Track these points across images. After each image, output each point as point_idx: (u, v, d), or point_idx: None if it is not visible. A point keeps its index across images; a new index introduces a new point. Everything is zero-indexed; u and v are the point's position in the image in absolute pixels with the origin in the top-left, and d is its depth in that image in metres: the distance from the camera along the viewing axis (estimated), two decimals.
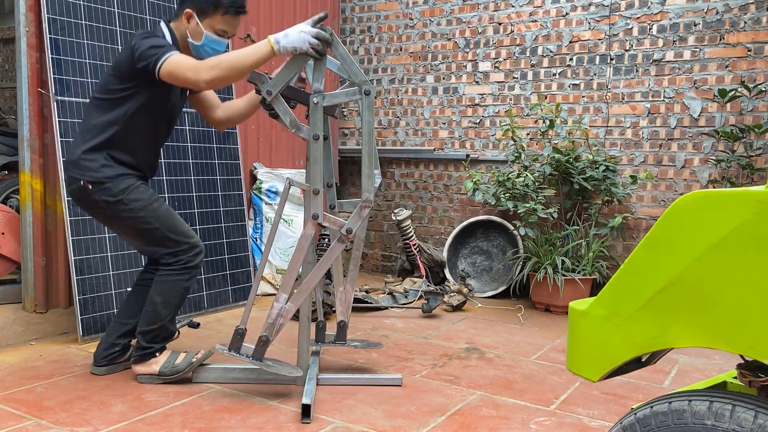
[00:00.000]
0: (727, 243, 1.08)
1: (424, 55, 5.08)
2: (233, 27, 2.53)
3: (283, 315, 2.40)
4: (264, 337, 2.40)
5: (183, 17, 2.50)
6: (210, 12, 2.46)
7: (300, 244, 2.41)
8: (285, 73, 2.38)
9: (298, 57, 2.36)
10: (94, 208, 2.53)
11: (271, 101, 2.38)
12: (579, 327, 1.33)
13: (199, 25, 2.47)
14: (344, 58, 2.41)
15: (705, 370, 2.95)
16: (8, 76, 6.46)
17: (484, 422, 2.28)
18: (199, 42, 2.49)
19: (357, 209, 2.42)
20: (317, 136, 2.38)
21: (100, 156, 2.46)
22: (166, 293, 2.52)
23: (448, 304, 4.00)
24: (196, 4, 2.47)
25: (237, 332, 2.42)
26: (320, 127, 2.39)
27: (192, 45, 2.51)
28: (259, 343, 2.41)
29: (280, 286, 2.42)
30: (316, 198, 2.40)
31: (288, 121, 2.41)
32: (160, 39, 2.44)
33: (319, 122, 2.38)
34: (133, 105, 2.46)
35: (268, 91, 2.37)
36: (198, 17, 2.47)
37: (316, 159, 2.38)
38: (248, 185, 4.32)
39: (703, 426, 1.08)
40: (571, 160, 4.19)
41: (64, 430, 2.12)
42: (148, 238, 2.53)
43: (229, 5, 2.46)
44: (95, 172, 2.45)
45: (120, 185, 2.46)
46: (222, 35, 2.51)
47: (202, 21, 2.47)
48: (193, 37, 2.50)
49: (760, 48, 3.88)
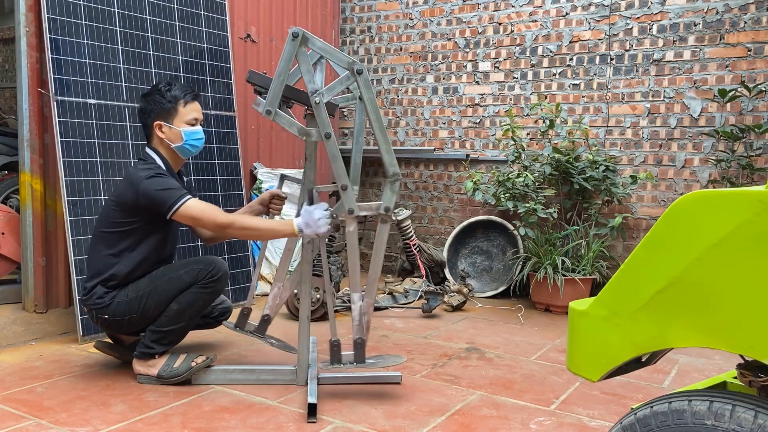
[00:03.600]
0: (727, 243, 1.08)
1: (424, 55, 5.08)
2: (199, 111, 2.65)
3: (365, 312, 2.44)
4: (359, 339, 2.46)
5: (155, 131, 2.60)
6: (173, 110, 2.58)
7: (350, 242, 2.44)
8: (277, 87, 2.37)
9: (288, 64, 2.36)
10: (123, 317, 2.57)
11: (273, 119, 2.38)
12: (579, 327, 1.33)
13: (172, 128, 2.58)
14: (325, 50, 2.39)
15: (705, 370, 2.95)
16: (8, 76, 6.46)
17: (484, 422, 2.28)
18: (180, 142, 2.60)
19: (388, 185, 2.42)
20: (329, 134, 2.38)
21: (101, 289, 2.54)
22: (183, 302, 2.54)
23: (448, 304, 4.00)
24: (158, 114, 2.58)
25: (333, 345, 2.48)
26: (329, 125, 2.38)
27: (176, 148, 2.61)
28: (356, 347, 2.46)
29: (350, 289, 2.46)
30: (347, 193, 2.40)
31: (296, 131, 2.41)
32: (167, 180, 2.50)
33: (326, 120, 2.38)
34: (138, 237, 2.55)
35: (267, 110, 2.35)
36: (167, 122, 2.58)
37: (335, 156, 2.38)
38: (248, 185, 4.32)
39: (703, 426, 1.08)
40: (571, 160, 4.19)
41: (64, 430, 2.12)
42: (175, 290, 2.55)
43: (185, 93, 2.60)
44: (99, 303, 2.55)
45: (116, 304, 2.54)
46: (194, 124, 2.62)
47: (173, 123, 2.58)
48: (173, 141, 2.60)
49: (760, 48, 3.88)
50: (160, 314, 2.54)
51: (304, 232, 2.37)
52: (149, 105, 2.59)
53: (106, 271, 2.54)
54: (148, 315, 2.54)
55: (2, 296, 3.40)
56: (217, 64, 3.89)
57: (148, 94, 2.61)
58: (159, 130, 2.59)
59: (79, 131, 3.15)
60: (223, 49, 3.93)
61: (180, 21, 3.68)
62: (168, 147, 2.61)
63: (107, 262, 2.54)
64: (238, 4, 4.26)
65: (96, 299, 2.53)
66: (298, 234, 2.39)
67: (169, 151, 2.62)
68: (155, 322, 2.56)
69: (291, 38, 2.32)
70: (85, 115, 3.19)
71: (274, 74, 2.36)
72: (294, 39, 2.32)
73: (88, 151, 3.17)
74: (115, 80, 3.33)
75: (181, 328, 2.59)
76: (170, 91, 2.58)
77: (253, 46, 4.40)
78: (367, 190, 5.38)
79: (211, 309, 2.84)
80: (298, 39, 2.32)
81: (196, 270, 2.54)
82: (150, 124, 2.59)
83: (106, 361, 2.82)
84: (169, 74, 3.59)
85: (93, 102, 3.22)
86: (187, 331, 2.66)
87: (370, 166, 5.34)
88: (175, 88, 2.59)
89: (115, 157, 3.29)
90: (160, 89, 2.58)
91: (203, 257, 2.61)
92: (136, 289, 2.53)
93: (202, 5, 3.81)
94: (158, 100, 2.57)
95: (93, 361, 2.83)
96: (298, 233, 2.38)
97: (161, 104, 2.57)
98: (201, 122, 2.66)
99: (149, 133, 2.62)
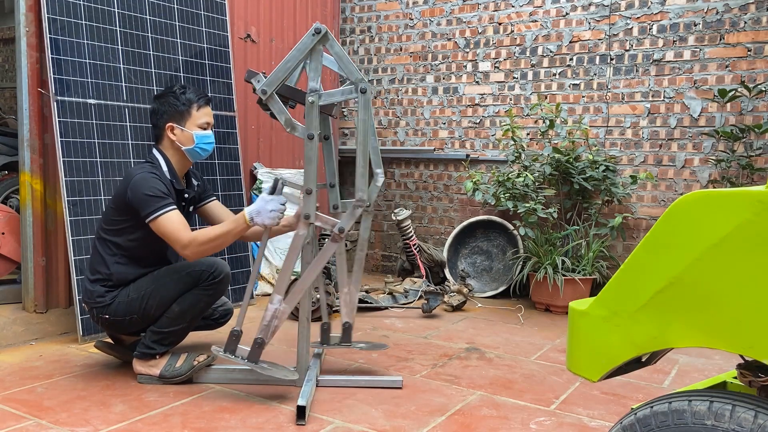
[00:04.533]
0: (727, 243, 1.08)
1: (424, 55, 5.08)
2: (210, 116, 2.66)
3: (278, 316, 2.38)
4: (259, 339, 2.39)
5: (166, 133, 2.59)
6: (186, 113, 2.58)
7: (293, 244, 2.40)
8: (280, 72, 2.37)
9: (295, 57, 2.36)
10: (124, 317, 2.57)
11: (266, 100, 2.37)
12: (579, 327, 1.33)
13: (184, 130, 2.58)
14: (340, 56, 2.39)
15: (705, 370, 2.95)
16: (8, 76, 6.46)
17: (484, 422, 2.28)
18: (191, 145, 2.60)
19: (350, 208, 2.41)
20: (311, 135, 2.35)
21: (101, 288, 2.55)
22: (185, 303, 2.54)
23: (448, 304, 4.00)
24: (172, 116, 2.58)
25: (232, 334, 2.41)
26: (315, 126, 2.36)
27: (186, 151, 2.61)
28: (254, 346, 2.40)
29: (274, 288, 2.41)
30: (309, 198, 2.38)
31: (283, 120, 2.39)
32: (157, 184, 2.47)
33: (314, 121, 2.36)
34: (135, 235, 2.55)
35: (263, 90, 2.35)
36: (179, 125, 2.58)
37: (310, 159, 2.37)
38: (248, 185, 4.32)
39: (703, 426, 1.08)
40: (571, 160, 4.19)
41: (64, 430, 2.12)
42: (177, 291, 2.55)
43: (198, 98, 2.61)
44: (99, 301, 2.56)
45: (117, 304, 2.54)
46: (206, 128, 2.62)
47: (185, 125, 2.58)
48: (184, 144, 2.60)
49: (760, 48, 3.88)
50: (161, 315, 2.54)
51: (255, 220, 2.38)
52: (162, 106, 2.58)
53: (105, 270, 2.54)
54: (149, 315, 2.54)
55: (2, 296, 3.40)
56: (217, 64, 3.89)
57: (162, 95, 2.61)
58: (171, 132, 2.59)
59: (79, 131, 3.15)
60: (223, 49, 3.93)
61: (180, 21, 3.68)
62: (177, 149, 2.61)
63: (106, 261, 2.54)
64: (238, 4, 4.26)
65: (96, 298, 2.53)
66: (250, 223, 2.40)
67: (178, 154, 2.62)
68: (156, 323, 2.56)
69: (313, 32, 2.30)
70: (85, 115, 3.19)
71: (282, 60, 2.36)
72: (315, 34, 2.30)
73: (88, 151, 3.17)
74: (115, 80, 3.33)
75: (182, 329, 2.59)
76: (185, 94, 2.58)
77: (253, 46, 4.40)
78: None
79: (212, 311, 2.84)
80: (320, 36, 2.31)
81: (198, 271, 2.53)
82: (162, 125, 2.59)
83: (106, 361, 2.82)
84: (169, 74, 3.59)
85: (93, 102, 3.22)
86: (188, 332, 2.66)
87: None
88: (189, 92, 2.60)
89: (115, 157, 3.29)
90: (175, 91, 2.58)
91: (205, 258, 2.61)
92: (137, 289, 2.53)
93: (202, 5, 3.81)
94: (172, 102, 2.57)
95: (93, 361, 2.83)
96: (249, 222, 2.39)
97: (175, 106, 2.57)
98: (212, 127, 2.67)
99: (159, 134, 2.62)
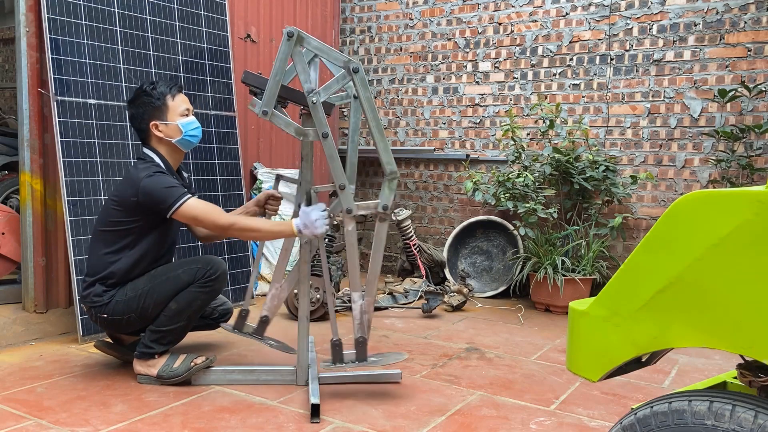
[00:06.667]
0: (727, 243, 1.08)
1: (424, 55, 5.08)
2: (187, 101, 2.66)
3: (366, 310, 2.43)
4: (361, 338, 2.45)
5: (152, 132, 2.59)
6: (164, 107, 2.58)
7: (349, 241, 2.43)
8: (273, 87, 2.36)
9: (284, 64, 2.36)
10: (122, 316, 2.57)
11: (269, 119, 2.38)
12: (579, 327, 1.33)
13: (168, 124, 2.58)
14: (321, 49, 2.38)
15: (705, 370, 2.95)
16: (8, 76, 6.46)
17: (484, 422, 2.28)
18: (180, 136, 2.60)
19: (386, 183, 2.41)
20: (326, 134, 2.38)
21: (99, 288, 2.55)
22: (182, 302, 2.54)
23: (448, 304, 4.00)
24: (151, 114, 2.57)
25: (334, 345, 2.47)
26: (326, 124, 2.38)
27: (177, 143, 2.61)
28: (357, 346, 2.45)
29: (350, 288, 2.45)
30: (345, 193, 2.41)
31: (293, 132, 2.41)
32: (168, 178, 2.50)
33: (323, 119, 2.38)
34: (137, 236, 2.55)
35: (264, 111, 2.35)
36: (161, 120, 2.58)
37: (332, 156, 2.38)
38: (248, 185, 4.32)
39: (703, 426, 1.08)
40: (571, 160, 4.18)
41: (64, 430, 2.12)
42: (174, 289, 2.56)
43: (170, 88, 2.61)
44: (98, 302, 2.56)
45: (115, 303, 2.54)
46: (187, 114, 2.62)
47: (167, 119, 2.58)
48: (173, 136, 2.60)
49: (760, 48, 3.88)
50: (159, 314, 2.54)
51: (303, 232, 2.38)
52: (139, 108, 2.58)
53: (104, 270, 2.54)
54: (146, 314, 2.54)
55: (2, 296, 3.40)
56: (217, 64, 3.89)
57: (135, 98, 2.60)
58: (156, 129, 2.58)
59: (79, 131, 3.15)
60: (223, 49, 3.93)
61: (180, 21, 3.68)
62: (168, 144, 2.61)
63: (106, 261, 2.54)
64: (238, 4, 4.26)
65: (94, 297, 2.53)
66: (297, 234, 2.41)
67: (169, 148, 2.62)
68: (154, 322, 2.56)
69: (286, 38, 2.32)
70: (85, 115, 3.19)
71: (270, 74, 2.36)
72: (289, 39, 2.31)
73: (88, 151, 3.17)
74: (115, 80, 3.33)
75: (181, 327, 2.59)
76: (156, 89, 2.58)
77: (253, 47, 4.40)
78: (368, 190, 5.38)
79: (212, 310, 2.84)
80: (294, 39, 2.32)
81: (195, 269, 2.54)
82: (145, 126, 2.59)
83: (106, 361, 2.82)
84: (169, 74, 3.59)
85: (93, 102, 3.22)
86: (186, 331, 2.66)
87: (370, 166, 5.34)
88: (159, 85, 2.59)
89: (115, 157, 3.29)
90: (146, 90, 2.58)
91: (202, 257, 2.61)
92: (134, 288, 2.53)
93: (202, 5, 3.81)
94: (147, 101, 2.57)
95: (93, 361, 2.83)
96: (297, 234, 2.40)
97: (151, 104, 2.57)
98: (192, 111, 2.66)
99: (145, 136, 2.62)
